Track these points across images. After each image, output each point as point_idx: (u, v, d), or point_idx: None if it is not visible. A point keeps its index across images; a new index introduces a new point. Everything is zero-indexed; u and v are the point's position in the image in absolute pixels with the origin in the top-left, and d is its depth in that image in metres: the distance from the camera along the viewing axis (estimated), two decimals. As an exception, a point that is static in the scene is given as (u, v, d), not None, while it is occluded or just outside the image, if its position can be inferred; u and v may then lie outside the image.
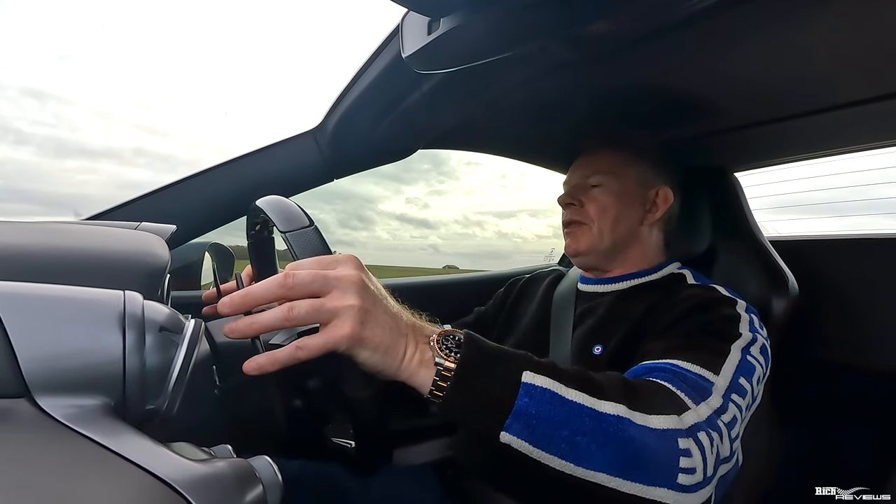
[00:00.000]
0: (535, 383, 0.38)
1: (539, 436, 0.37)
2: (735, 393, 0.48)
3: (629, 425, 0.39)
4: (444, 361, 0.37)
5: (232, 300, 0.34)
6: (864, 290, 0.84)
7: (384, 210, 35.64)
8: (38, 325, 0.25)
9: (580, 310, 0.72)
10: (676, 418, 0.41)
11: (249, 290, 0.34)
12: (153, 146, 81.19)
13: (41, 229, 0.41)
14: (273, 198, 0.45)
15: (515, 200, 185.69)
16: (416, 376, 0.37)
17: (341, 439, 0.52)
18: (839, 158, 0.87)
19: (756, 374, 0.51)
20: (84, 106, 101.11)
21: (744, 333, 0.53)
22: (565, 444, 0.37)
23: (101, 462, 0.22)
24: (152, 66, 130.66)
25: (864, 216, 1.17)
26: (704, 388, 0.46)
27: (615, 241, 0.70)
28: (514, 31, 0.47)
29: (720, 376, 0.48)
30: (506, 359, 0.39)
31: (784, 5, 0.48)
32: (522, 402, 0.37)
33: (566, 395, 0.38)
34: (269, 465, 0.29)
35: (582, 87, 0.72)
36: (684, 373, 0.47)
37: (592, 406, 0.39)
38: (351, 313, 0.34)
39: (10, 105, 68.12)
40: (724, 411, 0.45)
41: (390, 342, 0.36)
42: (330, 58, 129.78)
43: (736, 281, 0.73)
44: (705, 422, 0.43)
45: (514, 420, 0.37)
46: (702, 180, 0.81)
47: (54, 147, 75.34)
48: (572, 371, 0.41)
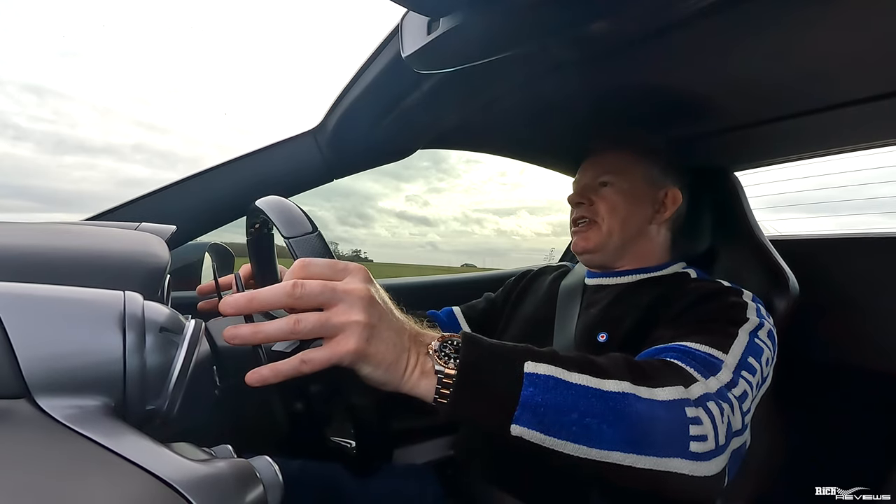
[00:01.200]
0: (537, 372, 0.38)
1: (549, 423, 0.37)
2: (745, 370, 0.48)
3: (635, 400, 0.39)
4: (444, 369, 0.37)
5: (237, 302, 0.34)
6: (865, 289, 0.84)
7: (384, 207, 35.76)
8: (39, 325, 0.25)
9: (586, 302, 0.73)
10: (683, 389, 0.41)
11: (255, 294, 0.34)
12: (152, 143, 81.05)
13: (41, 230, 0.41)
14: (275, 200, 0.44)
15: (515, 198, 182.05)
16: (418, 387, 0.38)
17: (341, 439, 0.52)
18: (835, 158, 0.87)
19: (765, 355, 0.51)
20: (84, 102, 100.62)
21: (751, 318, 0.54)
22: (576, 426, 0.37)
23: (101, 462, 0.22)
24: (153, 63, 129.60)
25: (861, 215, 1.17)
26: (713, 364, 0.47)
27: (624, 239, 0.70)
28: (514, 32, 0.47)
29: (729, 355, 0.48)
30: (505, 353, 0.40)
31: (783, 5, 0.48)
32: (528, 391, 0.37)
33: (570, 379, 0.39)
34: (270, 464, 0.29)
35: (582, 88, 0.72)
36: (693, 351, 0.47)
37: (597, 386, 0.39)
38: (357, 329, 0.34)
39: (9, 101, 68.02)
40: (734, 385, 0.46)
41: (393, 358, 0.36)
42: (330, 58, 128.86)
43: (737, 280, 0.73)
44: (715, 393, 0.43)
45: (523, 411, 0.37)
46: (702, 180, 0.81)
47: (53, 143, 75.03)
48: (573, 356, 0.42)
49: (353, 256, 30.36)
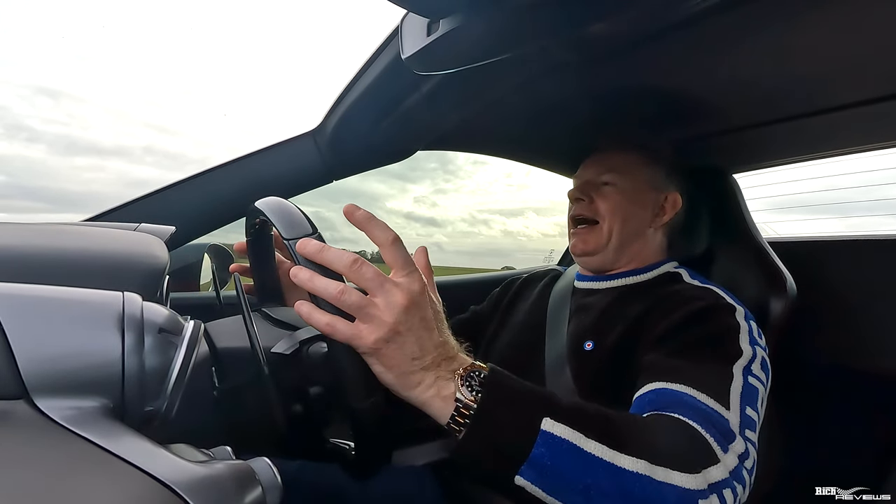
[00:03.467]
0: (553, 432, 0.37)
1: (552, 485, 0.37)
2: (747, 428, 0.47)
3: (648, 483, 0.37)
4: (463, 398, 0.38)
5: (310, 245, 0.37)
6: (863, 290, 0.84)
7: (392, 208, 35.59)
8: (37, 326, 0.25)
9: (575, 306, 0.72)
10: (700, 477, 0.39)
11: (327, 249, 0.37)
12: (163, 144, 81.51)
13: (40, 230, 0.41)
14: (275, 201, 0.44)
15: (520, 199, 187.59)
16: (429, 406, 0.38)
17: (340, 441, 0.52)
18: (844, 159, 0.87)
19: (759, 396, 0.50)
20: (98, 104, 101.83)
21: (744, 350, 0.53)
22: (580, 496, 0.37)
23: (99, 464, 0.22)
24: (165, 65, 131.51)
25: (870, 216, 1.17)
26: (728, 431, 0.45)
27: (622, 240, 0.70)
28: (513, 33, 0.47)
29: (731, 411, 0.46)
30: (526, 402, 0.39)
31: (783, 7, 0.48)
32: (539, 451, 0.37)
33: (585, 447, 0.38)
34: (269, 466, 0.29)
35: (581, 89, 0.72)
36: (705, 409, 0.45)
37: (612, 461, 0.38)
38: (382, 328, 0.36)
39: (24, 103, 68.26)
40: (747, 457, 0.44)
41: (406, 369, 0.37)
42: (330, 59, 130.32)
43: (734, 282, 0.73)
44: (732, 474, 0.41)
45: (529, 468, 0.37)
46: (700, 181, 0.82)
47: (65, 145, 75.55)
48: (594, 415, 0.40)
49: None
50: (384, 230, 0.39)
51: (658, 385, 0.49)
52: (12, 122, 71.10)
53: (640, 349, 0.57)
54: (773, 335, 0.67)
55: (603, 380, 0.59)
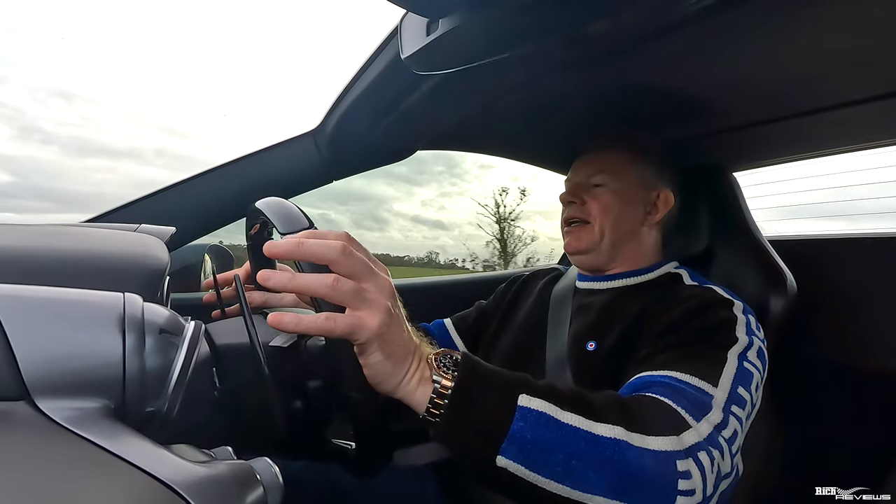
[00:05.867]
0: (530, 406, 0.38)
1: (534, 460, 0.37)
2: (735, 404, 0.47)
3: (626, 448, 0.39)
4: (441, 379, 0.38)
5: (284, 243, 0.35)
6: (863, 289, 0.84)
7: (399, 211, 34.76)
8: (38, 327, 0.25)
9: (576, 306, 0.72)
10: (676, 439, 0.41)
11: (312, 234, 0.37)
12: (174, 147, 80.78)
13: (41, 231, 0.41)
14: (272, 199, 0.45)
15: (527, 202, 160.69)
16: (413, 394, 0.38)
17: (341, 440, 0.52)
18: (851, 156, 0.87)
19: (754, 380, 0.51)
20: (111, 107, 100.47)
21: (740, 338, 0.53)
22: (560, 467, 0.37)
23: (101, 464, 0.22)
24: (176, 68, 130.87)
25: (877, 215, 1.15)
26: (704, 403, 0.46)
27: (615, 240, 0.70)
28: (513, 32, 0.47)
29: (719, 388, 0.47)
30: (501, 381, 0.40)
31: (782, 5, 0.48)
32: (518, 426, 0.37)
33: (562, 419, 0.39)
34: (270, 466, 0.29)
35: (580, 88, 0.72)
36: (683, 387, 0.47)
37: (589, 429, 0.39)
38: (382, 311, 0.36)
39: (38, 105, 67.71)
40: (724, 426, 0.45)
41: (401, 354, 0.37)
42: (329, 59, 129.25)
43: (734, 280, 0.73)
44: (706, 440, 0.43)
45: (510, 444, 0.37)
46: (700, 180, 0.82)
47: (77, 147, 74.61)
48: (569, 392, 0.41)
49: (353, 257, 29.29)
50: (327, 246, 0.35)
51: (644, 374, 0.50)
52: (27, 125, 70.49)
53: (640, 348, 0.57)
54: (773, 333, 0.67)
55: (604, 380, 0.60)
